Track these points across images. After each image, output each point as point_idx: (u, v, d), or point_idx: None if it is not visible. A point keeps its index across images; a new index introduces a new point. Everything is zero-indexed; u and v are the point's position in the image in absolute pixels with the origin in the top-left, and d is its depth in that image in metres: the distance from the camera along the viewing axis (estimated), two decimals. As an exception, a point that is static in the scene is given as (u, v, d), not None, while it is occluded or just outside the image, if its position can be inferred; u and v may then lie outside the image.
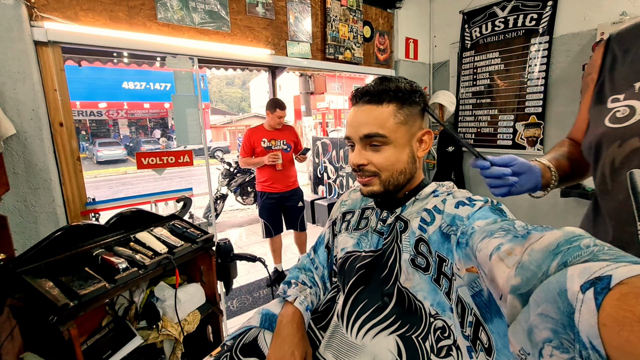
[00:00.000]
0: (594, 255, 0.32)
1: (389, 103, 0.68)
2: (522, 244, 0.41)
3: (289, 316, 0.80)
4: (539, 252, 0.37)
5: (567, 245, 0.36)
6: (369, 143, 0.69)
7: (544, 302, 0.33)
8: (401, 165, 0.70)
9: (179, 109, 1.84)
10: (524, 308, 0.36)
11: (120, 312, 1.21)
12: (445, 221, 0.64)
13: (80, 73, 11.57)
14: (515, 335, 0.38)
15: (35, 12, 1.47)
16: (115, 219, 1.22)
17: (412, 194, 0.74)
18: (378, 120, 0.68)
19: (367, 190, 0.72)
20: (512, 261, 0.40)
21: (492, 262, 0.44)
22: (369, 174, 0.71)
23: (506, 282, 0.39)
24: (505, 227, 0.49)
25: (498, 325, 0.48)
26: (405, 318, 0.68)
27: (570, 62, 2.36)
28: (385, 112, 0.68)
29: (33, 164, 1.47)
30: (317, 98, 14.78)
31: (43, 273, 0.95)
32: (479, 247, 0.49)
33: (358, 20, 2.73)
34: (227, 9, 2.06)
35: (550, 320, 0.32)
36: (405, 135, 0.69)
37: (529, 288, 0.36)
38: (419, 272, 0.67)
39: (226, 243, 1.38)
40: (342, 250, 0.83)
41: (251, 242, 4.15)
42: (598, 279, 0.28)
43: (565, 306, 0.30)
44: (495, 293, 0.46)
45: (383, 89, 0.69)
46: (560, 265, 0.34)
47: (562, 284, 0.31)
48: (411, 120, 0.70)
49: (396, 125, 0.68)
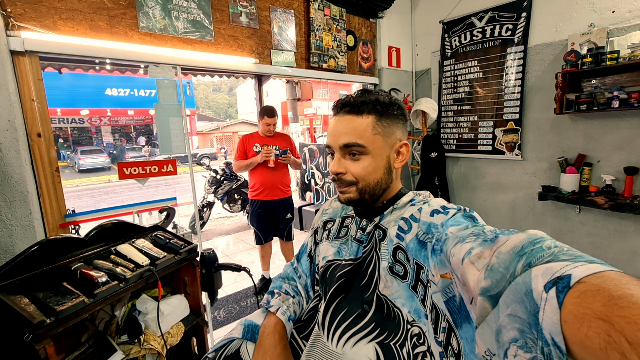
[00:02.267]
0: (554, 256, 0.35)
1: (368, 114, 0.71)
2: (491, 247, 0.43)
3: (271, 327, 0.80)
4: (505, 254, 0.39)
5: (530, 247, 0.38)
6: (348, 152, 0.72)
7: (512, 303, 0.35)
8: (378, 175, 0.72)
9: (161, 118, 1.83)
10: (494, 309, 0.38)
11: (101, 327, 1.18)
12: (422, 229, 0.66)
13: (61, 79, 11.28)
14: (482, 337, 0.39)
15: (11, 22, 1.44)
16: (95, 231, 1.19)
17: (390, 203, 0.76)
18: (357, 130, 0.70)
19: (344, 197, 0.75)
20: (481, 264, 0.42)
21: (464, 266, 0.46)
22: (346, 183, 0.73)
23: (477, 285, 0.41)
24: (475, 232, 0.51)
25: (467, 330, 0.50)
26: (384, 325, 0.69)
27: (544, 70, 2.46)
28: (364, 122, 0.70)
29: (9, 175, 1.43)
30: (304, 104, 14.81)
31: (18, 289, 0.93)
32: (452, 252, 0.51)
33: (341, 30, 2.78)
34: (211, 18, 2.06)
35: (518, 320, 0.34)
36: (383, 146, 0.72)
37: (498, 290, 0.37)
38: (397, 279, 0.68)
39: (210, 253, 1.37)
40: (323, 258, 0.84)
41: (239, 249, 4.11)
42: (559, 279, 0.31)
43: (532, 305, 0.32)
44: (466, 297, 0.48)
45: (363, 101, 0.71)
46: (525, 266, 0.36)
47: (528, 284, 0.33)
48: (389, 132, 0.72)
49: (374, 136, 0.70)
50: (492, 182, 2.92)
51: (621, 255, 2.19)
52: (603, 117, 2.19)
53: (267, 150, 2.53)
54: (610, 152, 2.19)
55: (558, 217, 2.47)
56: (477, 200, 3.03)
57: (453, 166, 3.21)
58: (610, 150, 2.19)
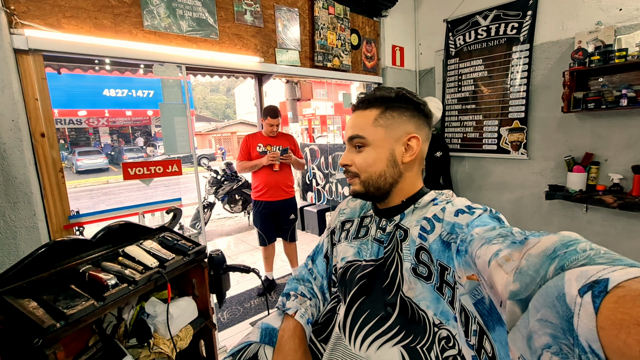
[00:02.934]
0: (590, 259, 0.33)
1: (373, 108, 0.74)
2: (520, 250, 0.41)
3: (290, 330, 0.78)
4: (536, 256, 0.37)
5: (564, 249, 0.36)
6: (353, 145, 0.75)
7: (543, 307, 0.33)
8: (379, 167, 0.73)
9: (167, 117, 1.80)
10: (524, 314, 0.36)
11: (109, 330, 1.16)
12: (445, 229, 0.64)
13: (59, 80, 11.21)
14: (514, 342, 0.37)
15: (15, 19, 1.42)
16: (102, 232, 1.17)
17: (411, 202, 0.74)
18: (361, 123, 0.74)
19: (351, 190, 0.79)
20: (510, 267, 0.40)
21: (490, 268, 0.44)
22: (350, 174, 0.76)
23: (505, 288, 0.39)
24: (503, 234, 0.49)
25: (500, 333, 0.48)
26: (409, 328, 0.67)
27: (551, 69, 2.45)
28: (368, 116, 0.74)
29: (12, 176, 1.40)
30: (303, 104, 14.80)
31: (26, 293, 0.90)
32: (477, 254, 0.49)
33: (345, 29, 2.76)
34: (215, 16, 2.04)
35: (549, 325, 0.32)
36: (385, 138, 0.73)
37: (528, 293, 0.36)
38: (421, 281, 0.66)
39: (219, 254, 1.34)
40: (342, 259, 0.82)
41: (240, 251, 4.08)
42: (595, 283, 0.29)
43: (564, 310, 0.30)
44: (495, 300, 0.46)
45: (371, 96, 0.76)
46: (557, 269, 0.34)
47: (560, 288, 0.32)
48: (394, 124, 0.73)
49: (375, 128, 0.73)
50: (497, 182, 2.91)
51: (629, 255, 2.16)
52: (611, 116, 2.18)
53: (273, 154, 2.51)
54: (618, 151, 2.18)
55: (565, 217, 2.46)
56: (483, 200, 3.01)
57: (458, 166, 3.19)
58: (618, 149, 2.18)
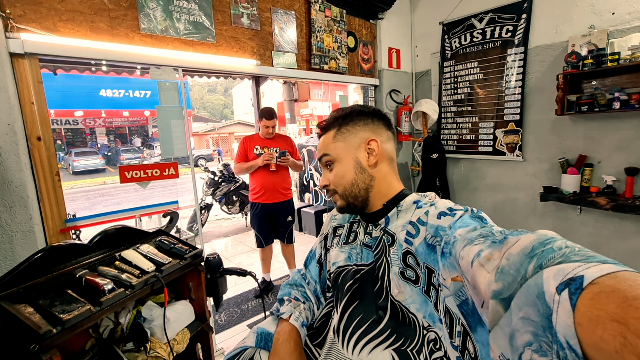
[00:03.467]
0: (566, 257, 0.34)
1: (331, 129, 0.82)
2: (500, 249, 0.42)
3: (285, 334, 0.79)
4: (516, 255, 0.39)
5: (541, 247, 0.37)
6: (325, 164, 0.83)
7: (525, 306, 0.34)
8: (349, 177, 0.77)
9: (163, 120, 1.80)
10: (507, 312, 0.37)
11: (105, 334, 1.16)
12: (430, 232, 0.65)
13: (55, 81, 11.15)
14: (496, 341, 0.39)
15: (10, 23, 1.42)
16: (99, 237, 1.17)
17: (393, 205, 0.76)
18: (324, 144, 0.82)
19: (336, 208, 0.84)
20: (491, 266, 0.41)
21: (473, 268, 0.45)
22: (331, 192, 0.82)
23: (487, 288, 0.40)
24: (484, 234, 0.50)
25: (481, 334, 0.49)
26: (400, 331, 0.68)
27: (545, 71, 2.47)
28: (328, 136, 0.82)
29: (8, 180, 1.40)
30: (300, 105, 14.79)
31: (22, 298, 0.90)
32: (461, 255, 0.50)
33: (342, 31, 2.77)
34: (212, 19, 2.04)
35: (531, 323, 0.33)
36: (346, 149, 0.79)
37: (510, 292, 0.37)
38: (409, 284, 0.68)
39: (215, 258, 1.35)
40: (334, 264, 0.83)
41: (237, 252, 4.08)
42: (572, 280, 0.30)
43: (544, 308, 0.31)
44: (477, 300, 0.47)
45: (328, 121, 0.84)
46: (536, 267, 0.35)
47: (540, 286, 0.33)
48: (350, 136, 0.79)
49: (335, 144, 0.80)
50: (492, 183, 2.93)
51: (622, 256, 2.21)
52: (603, 119, 2.21)
53: (268, 154, 2.52)
54: (611, 153, 2.21)
55: (559, 218, 2.49)
56: (478, 201, 3.03)
57: (454, 167, 3.21)
58: (611, 151, 2.21)
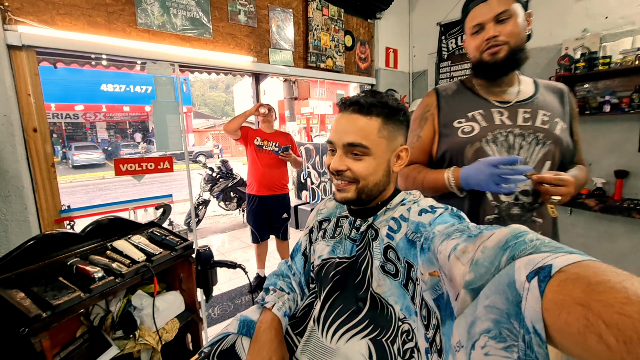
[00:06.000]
0: (536, 248, 0.36)
1: (376, 116, 0.71)
2: (474, 242, 0.45)
3: (267, 322, 0.82)
4: (490, 249, 0.41)
5: (514, 240, 0.40)
6: (351, 151, 0.71)
7: (493, 295, 0.36)
8: (377, 177, 0.73)
9: (159, 115, 1.83)
10: (473, 302, 0.39)
11: (96, 322, 1.19)
12: (410, 228, 0.67)
13: (56, 74, 11.16)
14: (457, 328, 0.41)
15: (8, 16, 1.44)
16: (91, 227, 1.20)
17: (384, 204, 0.78)
18: (363, 131, 0.70)
19: (340, 196, 0.75)
20: (466, 258, 0.44)
21: (450, 262, 0.47)
22: (347, 179, 0.73)
23: (462, 279, 0.43)
24: (460, 229, 0.52)
25: (448, 327, 0.51)
26: (377, 322, 0.71)
27: (539, 74, 2.49)
28: (371, 124, 0.70)
29: (4, 170, 1.43)
30: (301, 103, 14.80)
31: (14, 284, 0.93)
32: (439, 249, 0.53)
33: (339, 30, 2.79)
34: (209, 16, 2.07)
35: (495, 311, 0.35)
36: (386, 150, 0.72)
37: (481, 282, 0.39)
38: (389, 277, 0.70)
39: (206, 250, 1.37)
40: (318, 257, 0.85)
41: (234, 248, 4.11)
42: (541, 269, 0.32)
43: (514, 296, 0.34)
44: (452, 293, 0.49)
45: (372, 102, 0.71)
46: (509, 259, 0.37)
47: (511, 275, 0.35)
48: (393, 136, 0.73)
49: (379, 139, 0.71)
50: (486, 184, 2.95)
51: (610, 256, 2.24)
52: (595, 121, 2.23)
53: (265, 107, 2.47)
54: (602, 156, 2.23)
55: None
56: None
57: (448, 167, 3.23)
58: (602, 154, 2.23)
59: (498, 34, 0.91)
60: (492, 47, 0.92)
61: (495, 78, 0.98)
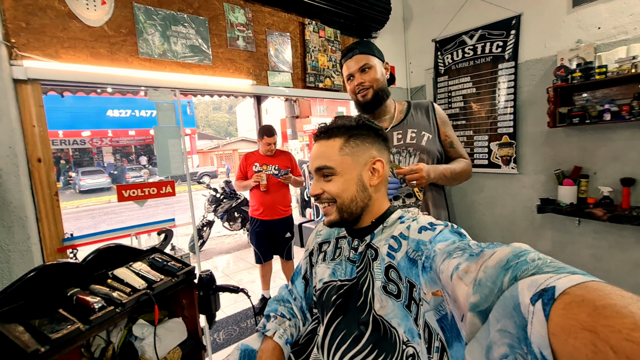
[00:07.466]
0: (539, 268, 0.35)
1: (336, 137, 0.76)
2: (477, 262, 0.44)
3: (268, 351, 0.79)
4: (492, 268, 0.40)
5: (515, 260, 0.38)
6: (322, 174, 0.77)
7: (502, 318, 0.35)
8: (351, 193, 0.75)
9: (160, 140, 1.86)
10: (484, 325, 0.38)
11: (97, 353, 1.16)
12: (411, 246, 0.66)
13: (63, 102, 11.43)
14: (472, 354, 0.39)
15: (15, 52, 1.49)
16: (92, 255, 1.19)
17: (380, 222, 0.77)
18: (326, 153, 0.76)
19: (327, 220, 0.79)
20: (469, 279, 0.43)
21: (453, 282, 0.46)
22: (326, 200, 0.77)
23: (466, 300, 0.41)
24: (461, 247, 0.51)
25: (457, 349, 0.50)
26: (381, 346, 0.69)
27: (536, 85, 2.51)
28: (333, 145, 0.76)
29: (8, 201, 1.44)
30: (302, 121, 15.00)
31: (13, 317, 0.92)
32: (441, 269, 0.52)
33: (336, 50, 2.85)
34: (209, 42, 2.13)
35: (508, 335, 0.34)
36: (352, 166, 0.75)
37: (487, 304, 0.38)
38: (391, 298, 0.68)
39: (208, 275, 1.36)
40: (320, 280, 0.84)
41: (239, 269, 4.07)
42: (544, 291, 0.31)
43: (520, 319, 0.32)
44: (457, 314, 0.48)
45: (332, 127, 0.78)
46: (511, 279, 0.36)
47: (516, 298, 0.34)
48: (359, 151, 0.76)
49: (342, 157, 0.75)
50: (490, 196, 2.92)
51: (623, 267, 2.17)
52: (596, 130, 2.22)
53: (257, 176, 2.57)
54: (606, 164, 2.21)
55: (558, 230, 2.46)
56: (477, 214, 3.02)
57: (451, 180, 3.21)
58: (605, 162, 2.21)
59: (364, 81, 1.22)
60: (361, 90, 1.23)
61: (369, 112, 1.29)
